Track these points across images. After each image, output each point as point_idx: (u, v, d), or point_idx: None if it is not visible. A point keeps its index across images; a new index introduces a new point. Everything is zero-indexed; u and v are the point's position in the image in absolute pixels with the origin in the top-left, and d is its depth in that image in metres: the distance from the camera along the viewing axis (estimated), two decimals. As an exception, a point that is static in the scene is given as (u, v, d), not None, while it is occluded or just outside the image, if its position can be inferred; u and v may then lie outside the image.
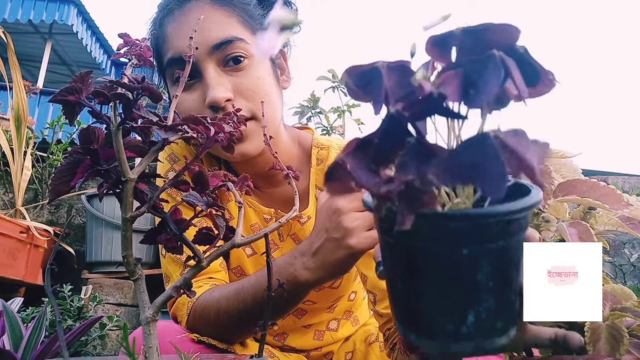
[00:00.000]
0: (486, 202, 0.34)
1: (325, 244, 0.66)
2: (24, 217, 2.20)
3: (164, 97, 0.82)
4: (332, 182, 0.32)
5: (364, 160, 0.31)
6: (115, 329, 1.82)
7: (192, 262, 0.45)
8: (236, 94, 0.81)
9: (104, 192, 0.42)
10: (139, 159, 0.42)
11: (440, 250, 0.34)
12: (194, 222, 0.44)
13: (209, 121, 0.43)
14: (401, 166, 0.29)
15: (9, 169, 2.28)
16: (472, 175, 0.28)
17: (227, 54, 0.81)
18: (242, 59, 0.82)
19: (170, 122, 0.41)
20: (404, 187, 0.29)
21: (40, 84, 6.37)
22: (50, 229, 2.23)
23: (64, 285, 1.84)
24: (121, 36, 0.44)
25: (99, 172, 0.42)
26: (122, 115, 0.40)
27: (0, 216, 1.98)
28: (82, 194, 2.38)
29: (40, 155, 2.62)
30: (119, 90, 0.39)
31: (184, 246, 0.45)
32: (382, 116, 0.32)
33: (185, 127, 0.41)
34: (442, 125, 0.34)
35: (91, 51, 7.63)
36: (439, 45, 0.33)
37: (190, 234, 0.44)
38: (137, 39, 0.44)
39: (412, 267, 0.36)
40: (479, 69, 0.29)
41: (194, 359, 0.47)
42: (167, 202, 0.45)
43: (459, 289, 0.34)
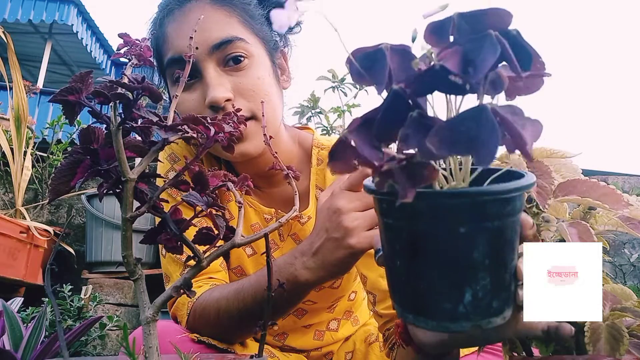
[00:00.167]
0: (484, 184, 0.36)
1: (325, 243, 0.66)
2: (24, 217, 2.20)
3: (164, 97, 0.82)
4: (335, 159, 0.33)
5: (367, 136, 0.32)
6: (115, 329, 1.82)
7: (192, 262, 0.45)
8: (236, 94, 0.81)
9: (104, 192, 0.42)
10: (139, 159, 0.42)
11: (438, 229, 0.35)
12: (194, 222, 0.44)
13: (209, 121, 0.43)
14: (403, 139, 0.30)
15: (9, 169, 2.28)
16: (468, 145, 0.29)
17: (227, 54, 0.81)
18: (242, 58, 0.82)
19: (170, 122, 0.41)
20: (405, 161, 0.30)
21: (40, 84, 6.37)
22: (50, 229, 2.24)
23: (64, 285, 1.84)
24: (121, 36, 0.44)
25: (99, 172, 0.42)
26: (122, 115, 0.40)
27: (0, 216, 1.98)
28: (82, 194, 2.38)
29: (40, 155, 2.62)
30: (119, 90, 0.39)
31: (184, 246, 0.45)
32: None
33: (185, 127, 0.41)
34: (441, 109, 0.35)
35: (91, 51, 7.63)
36: (437, 31, 0.34)
37: (190, 234, 0.44)
38: (137, 39, 0.44)
39: (411, 247, 0.37)
40: (477, 47, 0.31)
41: (194, 359, 0.47)
42: (167, 202, 0.45)
43: (456, 268, 0.35)
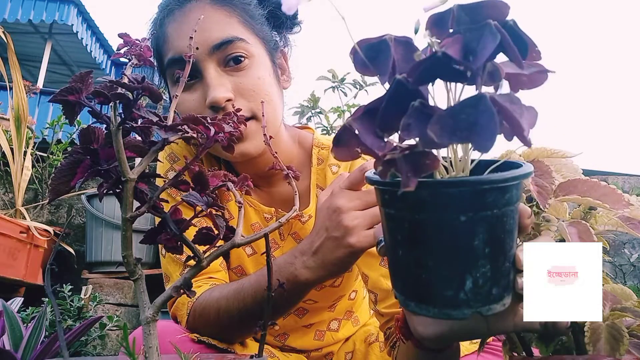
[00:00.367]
0: (484, 174, 0.37)
1: (325, 242, 0.66)
2: (24, 217, 2.20)
3: (164, 97, 0.82)
4: (339, 147, 0.34)
5: (370, 125, 0.33)
6: (115, 329, 1.82)
7: (192, 262, 0.45)
8: (236, 94, 0.81)
9: (104, 192, 0.42)
10: (139, 159, 0.42)
11: (439, 217, 0.36)
12: (194, 222, 0.44)
13: (209, 121, 0.43)
14: (405, 128, 0.31)
15: (9, 169, 2.28)
16: (468, 132, 0.29)
17: (227, 54, 0.81)
18: (242, 59, 0.82)
19: (170, 122, 0.41)
20: (407, 150, 0.31)
21: (40, 84, 6.37)
22: (50, 229, 2.23)
23: (64, 285, 1.84)
24: (121, 36, 0.44)
25: (99, 172, 0.42)
26: (122, 115, 0.40)
27: (0, 216, 1.98)
28: (82, 194, 2.38)
29: (40, 155, 2.62)
30: (119, 90, 0.39)
31: (184, 246, 0.45)
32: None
33: (185, 127, 0.41)
34: (443, 100, 0.35)
35: (91, 51, 7.63)
36: (439, 23, 0.35)
37: (190, 234, 0.44)
38: (137, 39, 0.44)
39: (412, 236, 0.37)
40: (477, 36, 0.31)
41: (194, 359, 0.47)
42: (167, 202, 0.45)
43: (457, 255, 0.36)
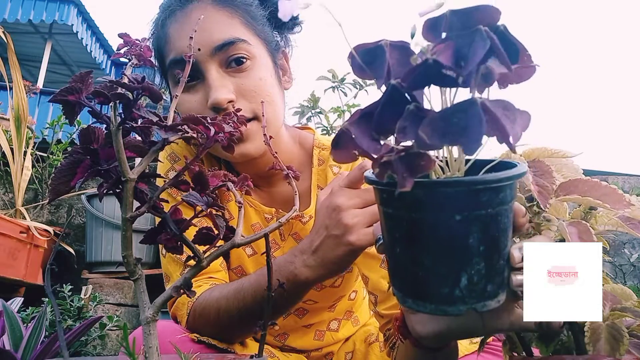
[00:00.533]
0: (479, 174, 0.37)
1: (325, 241, 0.66)
2: (24, 217, 2.20)
3: (164, 98, 0.82)
4: (338, 150, 0.35)
5: (367, 129, 0.34)
6: (115, 329, 1.82)
7: (192, 262, 0.45)
8: (238, 95, 0.81)
9: (104, 192, 0.42)
10: (139, 159, 0.42)
11: (435, 216, 0.37)
12: (194, 222, 0.44)
13: (209, 121, 0.43)
14: (400, 130, 0.32)
15: (9, 169, 2.28)
16: (457, 135, 0.31)
17: (229, 55, 0.81)
18: (244, 60, 0.82)
19: (170, 122, 0.41)
20: (403, 152, 0.32)
21: (40, 84, 6.37)
22: (50, 229, 2.23)
23: (64, 285, 1.84)
24: (121, 36, 0.44)
25: (99, 172, 0.42)
26: (122, 115, 0.40)
27: (0, 216, 1.98)
28: (82, 194, 2.38)
29: (40, 155, 2.62)
30: (119, 90, 0.39)
31: (184, 246, 0.45)
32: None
33: (185, 127, 0.41)
34: (438, 102, 0.36)
35: (91, 51, 7.63)
36: (433, 28, 0.36)
37: (190, 234, 0.44)
38: (137, 39, 0.44)
39: (409, 235, 0.39)
40: (468, 42, 0.32)
41: (194, 359, 0.47)
42: (167, 202, 0.45)
43: (452, 254, 0.37)
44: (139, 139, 0.43)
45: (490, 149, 0.35)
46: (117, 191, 0.42)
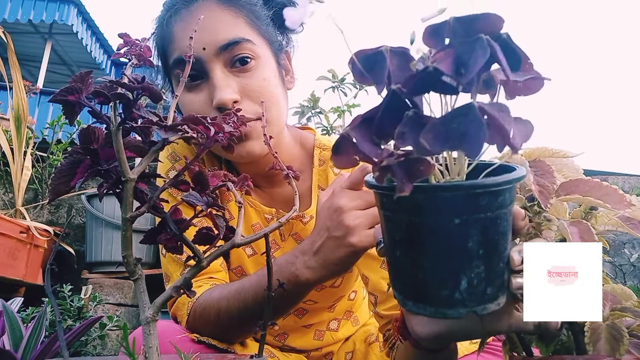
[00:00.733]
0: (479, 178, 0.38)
1: (326, 242, 0.66)
2: (24, 217, 2.20)
3: (165, 98, 0.82)
4: (338, 154, 0.36)
5: (367, 134, 0.35)
6: (115, 329, 1.82)
7: (192, 262, 0.45)
8: (242, 95, 0.81)
9: (104, 192, 0.42)
10: (139, 159, 0.42)
11: (435, 220, 0.37)
12: (194, 222, 0.44)
13: (209, 121, 0.43)
14: (400, 136, 0.32)
15: (9, 169, 2.28)
16: (458, 140, 0.31)
17: (234, 55, 0.81)
18: (248, 60, 0.82)
19: (170, 122, 0.41)
20: (402, 157, 0.32)
21: (40, 84, 6.38)
22: (50, 229, 2.23)
23: (64, 285, 1.84)
24: (121, 36, 0.44)
25: (99, 172, 0.42)
26: (122, 115, 0.40)
27: (0, 216, 1.98)
28: (82, 194, 2.38)
29: (40, 155, 2.62)
30: (119, 90, 0.39)
31: (184, 246, 0.45)
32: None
33: (185, 127, 0.41)
34: (439, 106, 0.37)
35: (91, 51, 7.63)
36: (434, 34, 0.36)
37: (190, 234, 0.44)
38: (137, 39, 0.44)
39: (409, 238, 0.39)
40: (469, 50, 0.33)
41: (194, 359, 0.47)
42: (167, 202, 0.45)
43: (452, 256, 0.37)
44: (139, 139, 0.43)
45: (492, 148, 0.35)
46: (117, 191, 0.42)
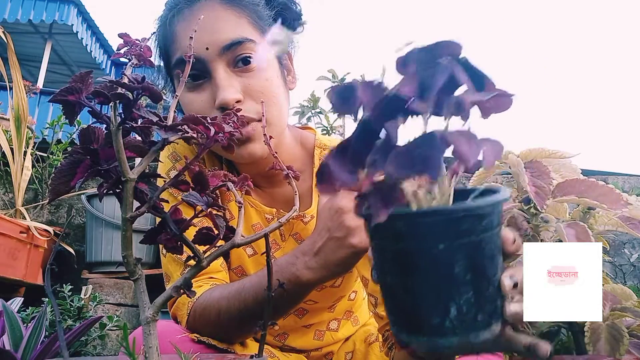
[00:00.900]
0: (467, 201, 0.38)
1: (327, 243, 0.66)
2: (24, 217, 2.20)
3: (165, 98, 0.82)
4: (321, 182, 0.37)
5: (344, 162, 0.36)
6: (115, 329, 1.82)
7: (192, 262, 0.45)
8: (245, 95, 0.81)
9: (104, 192, 0.42)
10: (139, 159, 0.42)
11: (418, 247, 0.37)
12: (194, 222, 0.44)
13: (209, 121, 0.43)
14: (371, 164, 0.33)
15: (9, 169, 2.28)
16: (421, 166, 0.32)
17: (237, 55, 0.81)
18: (251, 59, 0.82)
19: (170, 122, 0.41)
20: (374, 185, 0.33)
21: (40, 84, 6.38)
22: (50, 229, 2.23)
23: (64, 285, 1.84)
24: (121, 36, 0.44)
25: (99, 172, 0.42)
26: (122, 115, 0.40)
27: (0, 216, 1.98)
28: (82, 194, 2.38)
29: (40, 155, 2.62)
30: (119, 90, 0.39)
31: (184, 246, 0.45)
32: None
33: (185, 127, 0.41)
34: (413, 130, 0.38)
35: (91, 51, 7.63)
36: (404, 64, 0.37)
37: (190, 234, 0.44)
38: (137, 39, 0.44)
39: (396, 267, 0.39)
40: (431, 74, 0.34)
41: (194, 359, 0.47)
42: (167, 202, 0.45)
43: (439, 283, 0.37)
44: (139, 139, 0.43)
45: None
46: (117, 191, 0.42)
